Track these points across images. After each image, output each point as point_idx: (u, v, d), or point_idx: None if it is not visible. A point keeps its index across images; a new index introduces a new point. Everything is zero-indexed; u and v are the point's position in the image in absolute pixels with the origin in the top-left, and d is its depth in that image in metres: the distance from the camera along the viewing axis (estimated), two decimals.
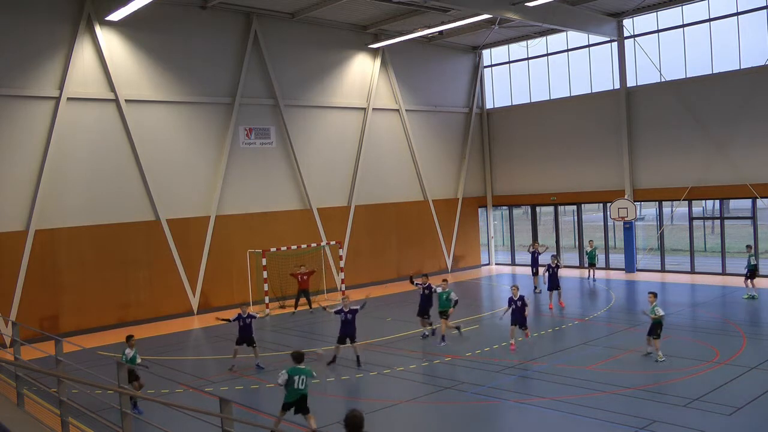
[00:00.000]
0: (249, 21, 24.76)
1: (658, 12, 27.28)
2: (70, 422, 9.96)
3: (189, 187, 23.59)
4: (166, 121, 23.16)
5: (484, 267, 33.45)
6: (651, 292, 15.28)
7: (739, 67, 25.50)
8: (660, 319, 14.68)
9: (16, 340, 12.24)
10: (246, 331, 15.64)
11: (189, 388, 13.94)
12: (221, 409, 7.02)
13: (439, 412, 12.06)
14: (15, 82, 20.12)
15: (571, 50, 30.19)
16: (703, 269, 27.81)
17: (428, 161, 31.08)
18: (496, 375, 14.33)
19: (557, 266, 21.42)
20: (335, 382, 14.59)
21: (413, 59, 30.37)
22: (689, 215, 28.50)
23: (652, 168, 28.06)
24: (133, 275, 22.24)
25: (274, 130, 25.78)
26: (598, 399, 12.35)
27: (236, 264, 24.37)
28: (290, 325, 21.30)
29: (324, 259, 26.54)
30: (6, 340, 19.33)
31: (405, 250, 29.99)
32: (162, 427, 9.66)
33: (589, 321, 19.48)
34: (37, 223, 20.39)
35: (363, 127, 28.48)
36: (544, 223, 37.67)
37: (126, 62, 22.18)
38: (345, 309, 15.53)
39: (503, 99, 33.31)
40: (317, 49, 26.94)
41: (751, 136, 25.23)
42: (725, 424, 10.86)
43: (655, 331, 14.66)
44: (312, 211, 26.68)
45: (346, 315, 15.43)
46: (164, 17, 22.71)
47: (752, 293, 21.46)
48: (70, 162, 21.10)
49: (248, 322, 15.65)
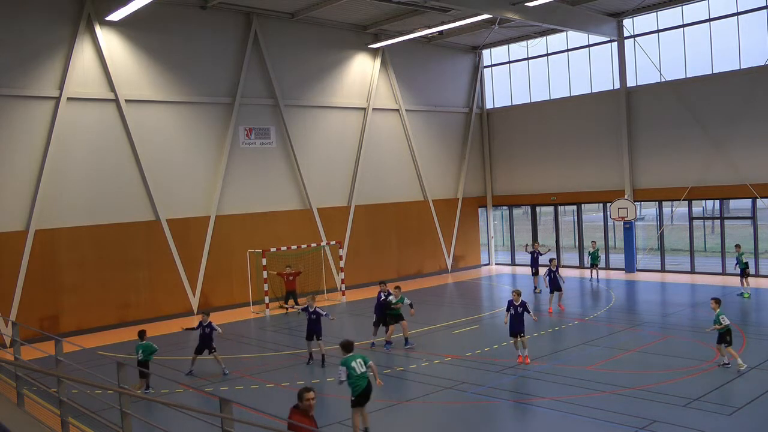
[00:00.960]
0: (249, 21, 24.76)
1: (658, 12, 27.28)
2: (70, 422, 9.96)
3: (189, 187, 23.59)
4: (166, 121, 23.16)
5: (484, 267, 33.44)
6: (714, 299, 14.31)
7: (739, 67, 25.50)
8: (727, 327, 13.73)
9: (16, 340, 12.25)
10: (205, 340, 15.41)
11: (189, 388, 13.94)
12: (221, 409, 7.02)
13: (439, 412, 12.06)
14: (15, 82, 20.13)
15: (571, 50, 30.20)
16: (703, 269, 27.82)
17: (428, 161, 31.08)
18: (496, 375, 14.32)
19: (557, 268, 21.36)
20: (335, 382, 14.56)
21: (413, 59, 30.37)
22: (689, 215, 28.49)
23: (652, 168, 28.06)
24: (133, 275, 22.24)
25: (274, 130, 25.78)
26: (598, 399, 12.35)
27: (236, 264, 24.37)
28: (283, 324, 21.29)
29: (324, 259, 26.54)
30: (6, 340, 19.33)
31: (405, 250, 29.99)
32: (162, 427, 9.66)
33: (589, 321, 19.48)
34: (37, 223, 20.40)
35: (363, 127, 28.48)
36: (544, 223, 37.67)
37: (126, 62, 22.19)
38: (310, 309, 15.96)
39: (503, 99, 33.31)
40: (317, 49, 26.94)
41: (751, 136, 25.22)
42: (725, 424, 10.86)
43: (725, 338, 13.72)
44: (312, 211, 26.67)
45: (311, 315, 15.93)
46: (164, 17, 22.71)
47: (743, 291, 21.64)
48: (70, 162, 21.10)
49: (208, 332, 15.43)
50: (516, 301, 15.14)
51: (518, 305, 15.11)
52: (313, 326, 15.85)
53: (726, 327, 13.72)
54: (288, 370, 15.62)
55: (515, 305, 15.14)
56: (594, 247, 27.60)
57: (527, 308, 15.20)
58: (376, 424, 11.87)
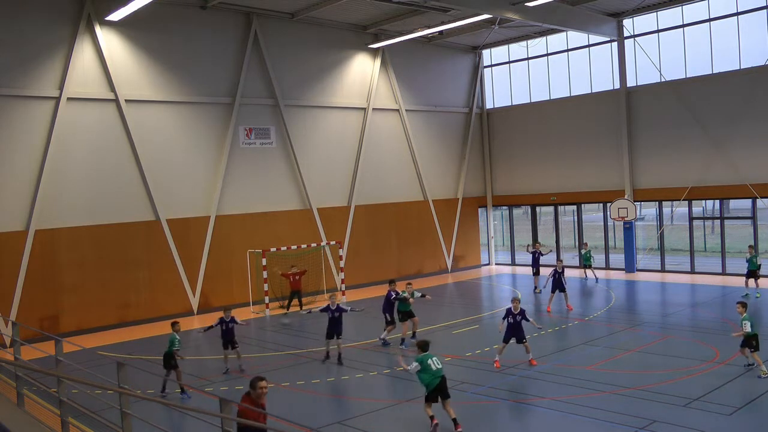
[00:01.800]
0: (249, 21, 24.76)
1: (658, 12, 27.27)
2: (70, 422, 9.96)
3: (189, 187, 23.59)
4: (166, 121, 23.16)
5: (484, 267, 33.45)
6: (740, 302, 14.01)
7: (739, 67, 25.50)
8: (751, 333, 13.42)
9: (16, 340, 12.24)
10: (229, 335, 15.49)
11: (189, 388, 13.95)
12: (221, 409, 7.03)
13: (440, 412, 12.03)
14: (15, 82, 20.13)
15: (571, 50, 30.20)
16: (703, 269, 27.80)
17: (428, 161, 31.08)
18: (496, 375, 14.33)
19: (562, 270, 21.29)
20: (335, 382, 14.60)
21: (413, 59, 30.37)
22: (689, 215, 28.49)
23: (652, 168, 28.06)
24: (133, 275, 22.24)
25: (274, 130, 25.78)
26: (598, 399, 12.35)
27: (236, 264, 24.37)
28: (291, 324, 21.29)
29: (324, 259, 26.54)
30: (6, 340, 19.33)
31: (405, 250, 29.99)
32: (162, 427, 9.67)
33: (589, 321, 19.48)
34: (37, 223, 20.40)
35: (363, 127, 28.48)
36: (544, 223, 37.68)
37: (126, 62, 22.19)
38: (332, 307, 15.89)
39: (503, 99, 33.31)
40: (317, 49, 26.94)
41: (750, 136, 25.22)
42: (725, 424, 10.86)
43: (750, 342, 13.44)
44: (312, 211, 26.68)
45: (333, 313, 15.82)
46: (164, 17, 22.71)
47: (747, 293, 21.46)
48: (70, 162, 21.10)
49: (231, 326, 15.51)
50: (515, 310, 14.87)
51: (517, 314, 14.84)
52: (335, 325, 15.78)
53: (748, 333, 13.42)
54: (288, 370, 15.62)
55: (513, 314, 14.86)
56: (586, 248, 27.57)
57: (526, 316, 14.90)
58: (376, 424, 11.89)
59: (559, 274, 20.95)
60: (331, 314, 15.84)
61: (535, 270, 25.33)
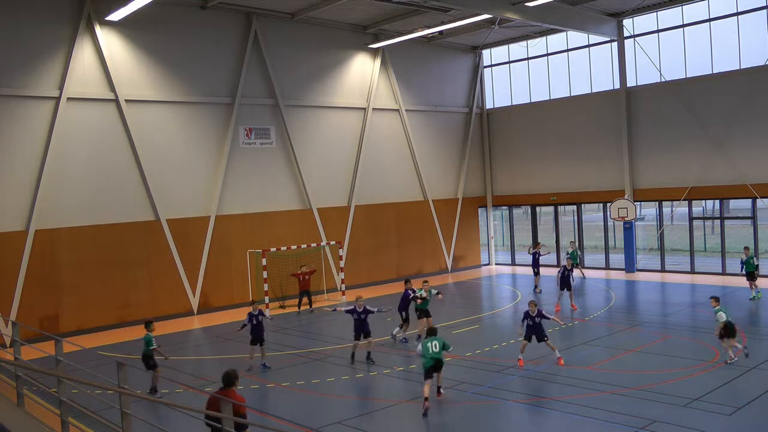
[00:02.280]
0: (249, 21, 24.76)
1: (658, 12, 27.27)
2: (70, 422, 9.96)
3: (189, 187, 23.59)
4: (166, 121, 23.16)
5: (484, 267, 33.45)
6: (713, 297, 14.88)
7: (739, 67, 25.50)
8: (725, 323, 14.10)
9: (16, 340, 12.23)
10: (259, 330, 15.54)
11: (189, 388, 13.94)
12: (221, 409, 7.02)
13: (440, 412, 12.05)
14: (15, 82, 20.13)
15: (571, 50, 30.19)
16: (703, 269, 27.81)
17: (428, 161, 31.08)
18: (496, 375, 14.33)
19: (572, 267, 21.35)
20: (335, 382, 14.59)
21: (413, 59, 30.37)
22: (689, 215, 28.49)
23: (652, 168, 28.06)
24: (133, 275, 22.24)
25: (274, 130, 25.78)
26: (598, 399, 12.35)
27: (236, 264, 24.37)
28: (292, 324, 21.30)
29: (324, 259, 26.54)
30: (6, 340, 19.33)
31: (405, 250, 29.99)
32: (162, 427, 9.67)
33: (589, 321, 19.48)
34: (37, 223, 20.40)
35: (363, 127, 28.48)
36: (544, 223, 37.68)
37: (126, 62, 22.19)
38: (359, 309, 15.90)
39: (503, 99, 33.31)
40: (317, 49, 26.94)
41: (750, 136, 25.22)
42: (725, 424, 10.86)
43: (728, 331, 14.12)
44: (312, 211, 26.68)
45: (360, 315, 15.84)
46: (164, 17, 22.71)
47: (754, 294, 21.38)
48: (70, 162, 21.10)
49: (260, 320, 15.61)
50: (532, 312, 14.91)
51: (535, 315, 14.89)
52: (362, 326, 15.78)
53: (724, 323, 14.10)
54: (288, 370, 15.61)
55: (532, 316, 14.93)
56: (573, 247, 27.51)
57: (545, 315, 15.00)
58: (375, 424, 11.89)
59: (567, 272, 20.98)
60: (357, 316, 15.86)
61: (535, 270, 25.36)
